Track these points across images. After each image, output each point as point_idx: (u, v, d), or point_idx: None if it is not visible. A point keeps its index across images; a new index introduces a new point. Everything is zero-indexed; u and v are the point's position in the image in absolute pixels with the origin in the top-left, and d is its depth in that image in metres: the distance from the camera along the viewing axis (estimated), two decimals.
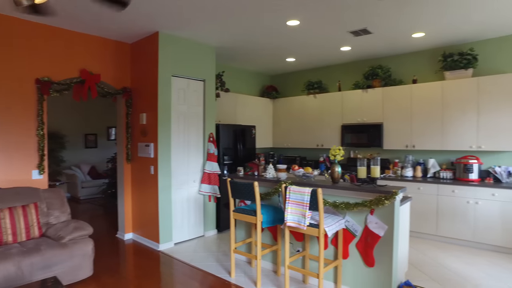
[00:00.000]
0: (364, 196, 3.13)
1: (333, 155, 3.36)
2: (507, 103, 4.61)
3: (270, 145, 7.33)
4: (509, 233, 4.43)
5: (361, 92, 5.96)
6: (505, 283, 3.56)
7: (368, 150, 6.11)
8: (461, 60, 4.99)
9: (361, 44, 5.30)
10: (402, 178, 5.37)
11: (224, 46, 5.39)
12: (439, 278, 3.70)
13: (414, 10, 3.92)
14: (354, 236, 3.25)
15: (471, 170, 4.82)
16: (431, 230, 5.02)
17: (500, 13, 4.00)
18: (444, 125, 5.11)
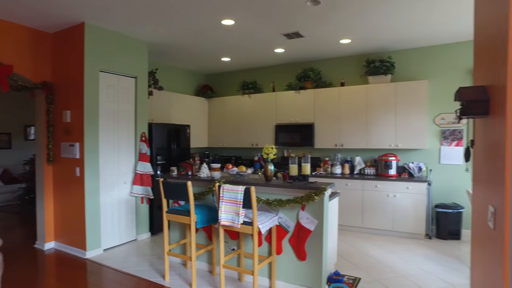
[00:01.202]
0: (296, 193, 3.26)
1: (266, 153, 3.44)
2: (418, 107, 5.17)
3: (205, 144, 7.26)
4: (420, 221, 4.97)
5: (294, 93, 6.20)
6: (416, 265, 4.00)
7: (301, 149, 6.39)
8: (381, 66, 5.47)
9: (294, 47, 5.51)
10: (331, 175, 5.71)
11: (158, 42, 5.21)
12: (364, 266, 4.01)
13: (341, 18, 4.19)
14: (287, 232, 3.36)
15: (390, 167, 5.31)
16: (357, 222, 5.42)
17: (413, 28, 4.47)
18: (368, 125, 5.55)
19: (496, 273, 1.44)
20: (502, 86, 1.36)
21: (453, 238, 4.99)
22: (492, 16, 1.58)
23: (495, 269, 1.47)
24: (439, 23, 4.36)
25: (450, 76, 5.24)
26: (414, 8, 3.87)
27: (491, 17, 1.60)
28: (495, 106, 1.50)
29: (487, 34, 1.68)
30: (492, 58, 1.55)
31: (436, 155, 5.36)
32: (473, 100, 1.63)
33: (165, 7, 3.81)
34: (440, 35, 4.88)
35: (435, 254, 4.42)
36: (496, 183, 1.45)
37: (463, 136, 5.17)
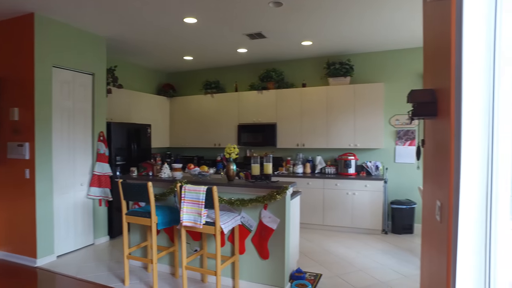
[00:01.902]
0: (258, 192, 3.29)
1: (228, 153, 3.44)
2: (375, 108, 5.41)
3: (167, 144, 7.11)
4: (377, 217, 5.21)
5: (257, 93, 6.25)
6: (373, 259, 4.18)
7: (263, 148, 6.44)
8: (341, 68, 5.66)
9: (257, 47, 5.55)
10: (293, 174, 5.82)
11: (117, 38, 5.02)
12: (325, 262, 4.13)
13: (303, 21, 4.28)
14: (249, 231, 3.38)
15: (350, 166, 5.50)
16: (319, 220, 5.57)
17: (369, 33, 4.68)
18: (329, 125, 5.72)
19: (441, 261, 1.55)
20: (447, 90, 1.46)
21: (407, 232, 5.28)
22: (437, 29, 1.69)
23: (440, 258, 1.58)
24: (390, 30, 4.59)
25: (404, 80, 5.53)
26: (362, 17, 4.05)
27: (436, 30, 1.72)
28: (442, 108, 1.61)
29: (434, 44, 1.81)
30: (438, 64, 1.67)
31: (392, 154, 5.64)
32: (423, 102, 1.74)
33: (123, 1, 3.68)
34: (394, 41, 5.14)
35: (390, 248, 4.65)
36: (443, 180, 1.56)
37: (416, 136, 5.49)
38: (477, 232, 1.29)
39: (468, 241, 1.30)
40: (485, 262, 1.29)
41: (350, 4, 3.78)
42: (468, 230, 1.30)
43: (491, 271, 1.28)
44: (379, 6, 3.83)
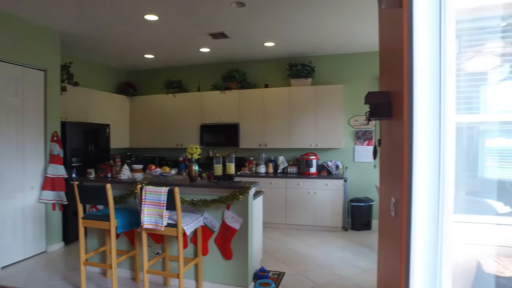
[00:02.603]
0: (220, 192, 3.27)
1: (190, 154, 3.39)
2: (335, 109, 5.59)
3: (127, 145, 6.87)
4: (337, 215, 5.38)
5: (219, 93, 6.22)
6: (334, 256, 4.32)
7: (226, 149, 6.42)
8: (303, 70, 5.78)
9: (219, 47, 5.52)
10: (256, 174, 5.86)
11: (73, 33, 4.77)
12: (288, 260, 4.19)
13: (265, 22, 4.32)
14: (212, 232, 3.35)
15: (311, 165, 5.64)
16: (281, 219, 5.64)
17: (329, 37, 4.82)
18: (291, 126, 5.82)
19: (395, 254, 1.64)
20: (400, 92, 1.54)
21: (365, 228, 5.51)
22: (391, 34, 1.79)
23: (395, 252, 1.66)
24: (351, 35, 4.77)
25: (362, 82, 5.76)
26: (323, 21, 4.18)
27: (390, 36, 1.81)
28: (396, 109, 1.70)
29: (388, 48, 1.90)
30: (392, 68, 1.76)
31: (351, 153, 5.86)
32: (379, 104, 1.82)
33: None
34: (354, 45, 5.34)
35: (350, 244, 4.82)
36: (397, 177, 1.65)
37: (373, 136, 5.74)
38: (427, 226, 1.38)
39: (420, 234, 1.38)
40: (436, 253, 1.37)
41: (312, 8, 3.88)
42: (420, 224, 1.38)
43: (441, 260, 1.37)
44: (339, 11, 3.96)
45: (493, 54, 2.41)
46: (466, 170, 2.63)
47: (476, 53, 2.39)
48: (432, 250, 1.37)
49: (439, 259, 1.37)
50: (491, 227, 2.34)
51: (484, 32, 2.36)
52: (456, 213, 1.85)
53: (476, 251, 2.15)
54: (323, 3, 3.76)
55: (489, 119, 2.52)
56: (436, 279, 1.36)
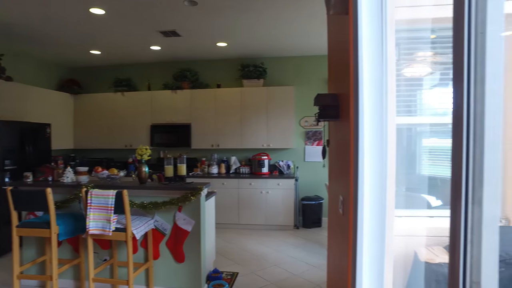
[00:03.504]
0: (172, 194, 3.20)
1: (139, 154, 3.27)
2: (287, 110, 5.73)
3: (71, 146, 6.44)
4: (289, 213, 5.52)
5: (171, 92, 6.07)
6: (286, 254, 4.42)
7: (178, 149, 6.28)
8: (255, 71, 5.85)
9: (171, 45, 5.39)
10: (209, 175, 5.81)
11: (5, 21, 4.36)
12: (241, 260, 4.21)
13: (218, 22, 4.30)
14: (163, 235, 3.27)
15: (263, 165, 5.72)
16: (234, 219, 5.65)
17: (279, 39, 4.93)
18: (243, 126, 5.86)
19: (343, 249, 1.72)
20: (347, 95, 1.63)
21: (316, 226, 5.70)
22: (338, 40, 1.88)
23: (343, 247, 1.75)
24: (301, 38, 4.92)
25: (313, 84, 5.97)
26: (275, 23, 4.27)
27: (338, 41, 1.90)
28: (343, 111, 1.78)
29: (336, 52, 1.99)
30: (340, 71, 1.85)
31: (302, 153, 6.04)
32: (327, 106, 1.90)
33: None
34: (305, 48, 5.52)
35: (301, 242, 4.97)
36: (344, 176, 1.73)
37: (323, 136, 5.97)
38: (372, 221, 1.47)
39: (365, 229, 1.47)
40: (380, 246, 1.47)
41: (264, 10, 3.94)
42: (365, 220, 1.47)
43: (384, 253, 1.46)
44: (291, 14, 4.06)
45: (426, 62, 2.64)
46: (406, 167, 2.84)
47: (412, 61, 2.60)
48: (376, 244, 1.46)
49: (382, 252, 1.46)
50: (425, 220, 2.55)
51: (418, 42, 2.57)
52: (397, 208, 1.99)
53: (413, 242, 2.33)
54: (275, 6, 3.83)
55: (424, 121, 2.74)
56: (380, 270, 1.46)
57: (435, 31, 2.54)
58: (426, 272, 2.12)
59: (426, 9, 2.10)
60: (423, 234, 2.44)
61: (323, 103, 1.92)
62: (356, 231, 1.47)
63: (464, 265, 0.82)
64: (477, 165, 0.81)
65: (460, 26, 0.81)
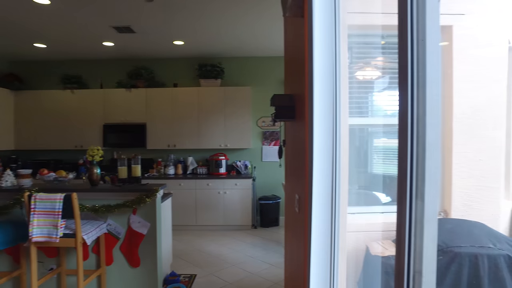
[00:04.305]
0: (126, 196, 3.07)
1: (91, 155, 3.11)
2: (244, 110, 5.75)
3: (11, 147, 5.94)
4: (247, 213, 5.55)
5: (125, 91, 5.84)
6: (244, 254, 4.44)
7: (133, 150, 6.06)
8: (212, 70, 5.81)
9: (125, 42, 5.18)
10: (165, 176, 5.67)
11: None
12: (199, 262, 4.16)
13: (175, 20, 4.21)
14: (117, 239, 3.13)
15: (220, 165, 5.70)
16: (192, 221, 5.57)
17: (237, 39, 4.95)
18: (200, 126, 5.79)
19: (299, 246, 1.77)
20: (302, 96, 1.67)
21: (273, 225, 5.79)
22: (294, 42, 1.92)
23: (299, 243, 1.79)
24: (258, 39, 4.97)
25: (270, 84, 6.04)
26: (232, 23, 4.28)
27: (293, 43, 1.95)
28: (299, 111, 1.83)
29: (292, 54, 2.04)
30: (295, 73, 1.89)
31: (259, 153, 6.10)
32: (283, 106, 1.94)
33: None
34: (262, 49, 5.57)
35: (259, 241, 5.01)
36: (300, 176, 1.78)
37: (279, 136, 6.07)
38: (326, 219, 1.52)
39: (320, 226, 1.52)
40: (334, 242, 1.52)
41: (222, 10, 3.92)
42: (320, 217, 1.51)
43: (337, 248, 1.52)
44: (249, 15, 4.08)
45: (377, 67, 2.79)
46: (358, 166, 2.98)
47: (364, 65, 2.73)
48: (330, 240, 1.52)
49: (336, 247, 1.52)
50: (376, 215, 2.69)
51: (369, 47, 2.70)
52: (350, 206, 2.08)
53: (365, 237, 2.45)
54: (233, 6, 3.83)
55: (375, 122, 2.89)
56: (333, 264, 1.51)
57: (384, 37, 2.70)
58: (377, 265, 2.24)
59: (375, 16, 2.21)
60: (374, 229, 2.58)
61: (279, 103, 1.95)
62: (311, 228, 1.51)
63: (408, 256, 0.88)
64: (420, 163, 0.87)
65: (404, 33, 0.87)
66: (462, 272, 1.85)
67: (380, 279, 2.21)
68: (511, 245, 2.01)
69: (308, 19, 1.51)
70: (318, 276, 1.51)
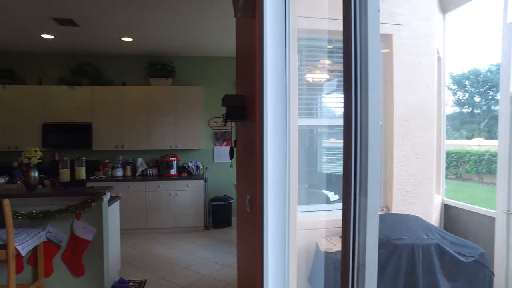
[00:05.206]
0: (68, 201, 2.88)
1: (27, 158, 2.87)
2: (195, 110, 5.68)
3: None
4: (199, 215, 5.49)
5: (68, 88, 5.46)
6: (196, 256, 4.38)
7: (77, 151, 5.69)
8: (163, 69, 5.65)
9: (68, 35, 4.84)
10: (113, 178, 5.41)
11: None
12: (150, 266, 4.02)
13: (122, 15, 4.03)
14: (58, 247, 2.92)
15: (171, 167, 5.57)
16: (142, 224, 5.37)
17: (191, 39, 4.86)
18: (150, 126, 5.60)
19: (251, 246, 1.78)
20: (253, 97, 1.69)
21: (226, 225, 5.77)
22: (246, 43, 1.94)
23: (251, 243, 1.81)
24: (210, 39, 4.93)
25: (222, 85, 6.02)
26: (183, 21, 4.21)
27: (245, 44, 1.96)
28: (250, 112, 1.84)
29: (243, 55, 2.05)
30: (247, 74, 1.91)
31: (211, 154, 6.05)
32: (234, 107, 1.94)
33: None
34: (215, 49, 5.53)
35: (212, 242, 4.97)
36: (251, 176, 1.79)
37: (231, 137, 6.07)
38: (277, 218, 1.55)
39: (271, 226, 1.54)
40: (284, 240, 1.56)
41: (173, 7, 3.82)
42: (270, 217, 1.54)
43: (288, 246, 1.56)
44: (201, 14, 4.03)
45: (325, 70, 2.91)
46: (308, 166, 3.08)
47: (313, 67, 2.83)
48: (280, 239, 1.55)
49: (287, 245, 1.56)
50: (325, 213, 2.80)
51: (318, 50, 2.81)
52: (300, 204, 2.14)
53: (315, 234, 2.54)
54: (184, 4, 3.76)
55: (324, 123, 3.01)
56: (284, 262, 1.55)
57: (332, 42, 2.82)
58: (326, 260, 2.33)
59: (323, 22, 2.31)
60: (324, 227, 2.68)
61: (230, 104, 1.95)
62: (262, 228, 1.53)
63: (353, 250, 0.93)
64: (363, 162, 0.93)
65: (348, 39, 0.92)
66: (401, 261, 1.99)
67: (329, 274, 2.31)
68: (441, 235, 2.21)
69: (259, 21, 1.53)
70: (270, 274, 1.54)
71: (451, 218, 3.49)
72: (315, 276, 2.46)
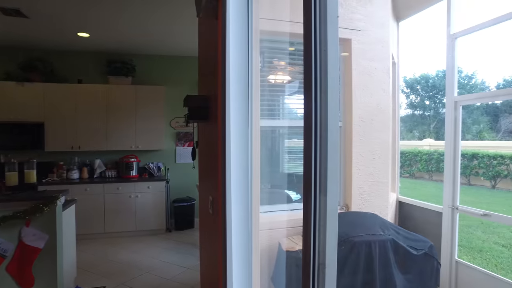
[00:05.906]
0: (16, 206, 2.67)
1: None
2: (157, 110, 5.54)
3: None
4: (161, 217, 5.36)
5: (16, 85, 5.08)
6: (159, 259, 4.28)
7: (27, 153, 5.32)
8: (122, 67, 5.45)
9: (14, 27, 4.50)
10: (68, 180, 5.13)
11: None
12: (109, 272, 3.86)
13: (76, 8, 3.83)
14: (3, 258, 2.71)
15: (132, 168, 5.39)
16: (100, 229, 5.13)
17: (151, 37, 4.73)
18: (109, 126, 5.38)
19: (215, 247, 1.77)
20: (215, 97, 1.68)
21: (189, 227, 5.68)
22: (208, 43, 1.92)
23: (214, 245, 1.80)
24: (171, 38, 4.83)
25: (185, 85, 5.91)
26: (146, 20, 4.10)
27: (207, 44, 1.95)
28: (212, 113, 1.83)
29: (205, 54, 2.03)
30: (209, 74, 1.89)
31: (173, 155, 5.93)
32: (196, 107, 1.92)
33: None
34: (177, 48, 5.42)
35: (174, 245, 4.87)
36: (213, 177, 1.78)
37: (194, 137, 5.99)
38: (239, 219, 1.55)
39: (234, 226, 1.54)
40: (248, 241, 1.56)
41: (134, 3, 3.70)
42: (233, 218, 1.54)
43: (251, 246, 1.57)
44: (163, 11, 3.93)
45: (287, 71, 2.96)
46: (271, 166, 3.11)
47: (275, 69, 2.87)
48: (243, 240, 1.55)
49: (250, 245, 1.56)
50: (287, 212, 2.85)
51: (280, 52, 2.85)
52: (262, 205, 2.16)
53: (277, 234, 2.57)
54: (145, 1, 3.65)
55: (286, 124, 3.06)
56: (248, 262, 1.55)
57: (293, 44, 2.87)
58: (288, 259, 2.37)
59: (285, 24, 2.34)
60: (285, 226, 2.73)
61: (192, 104, 1.93)
62: (225, 229, 1.53)
63: (313, 249, 0.95)
64: (323, 161, 0.95)
65: (308, 42, 0.94)
66: (359, 257, 2.08)
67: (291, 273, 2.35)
68: (396, 231, 2.34)
69: (222, 21, 1.53)
70: (233, 275, 1.54)
71: (404, 214, 3.70)
72: (278, 275, 2.50)
